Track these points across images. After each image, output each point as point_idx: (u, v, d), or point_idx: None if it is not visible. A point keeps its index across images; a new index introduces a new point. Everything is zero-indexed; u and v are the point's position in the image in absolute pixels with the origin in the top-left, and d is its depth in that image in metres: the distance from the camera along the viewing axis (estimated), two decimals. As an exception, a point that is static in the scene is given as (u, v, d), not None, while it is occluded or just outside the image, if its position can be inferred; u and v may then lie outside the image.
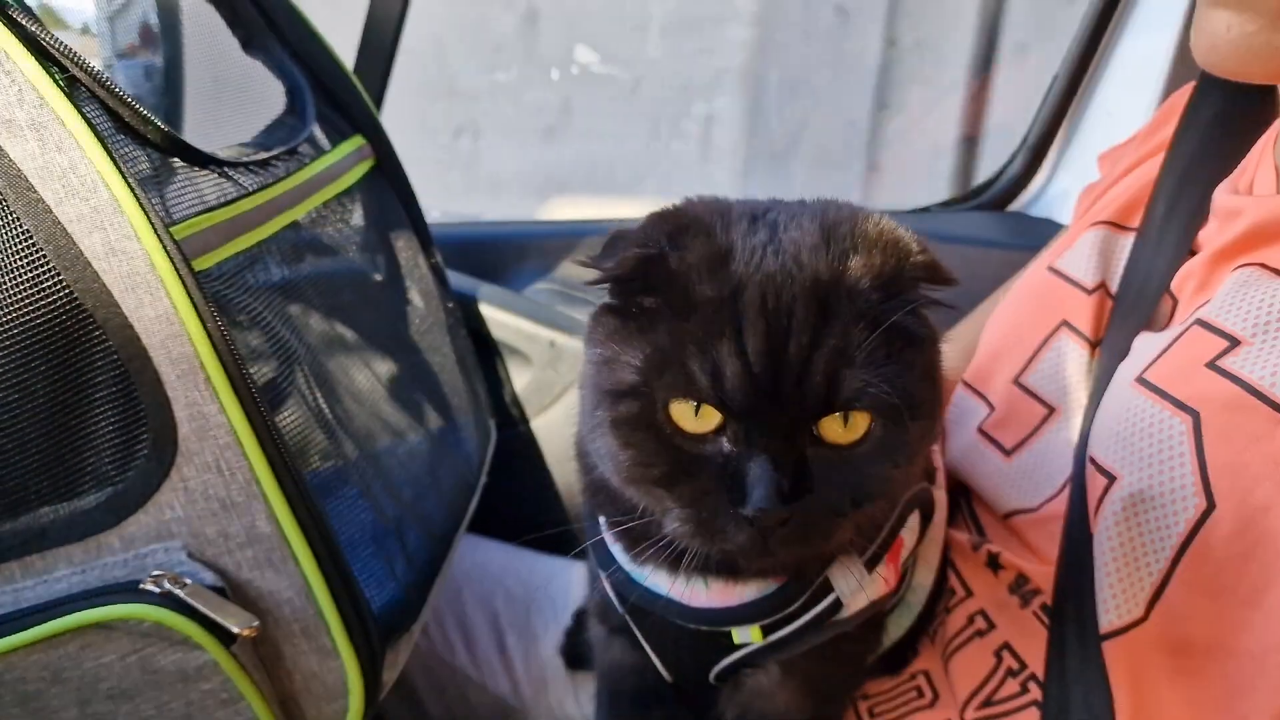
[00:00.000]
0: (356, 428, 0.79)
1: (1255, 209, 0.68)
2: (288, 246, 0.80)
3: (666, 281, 0.55)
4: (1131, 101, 1.27)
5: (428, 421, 0.92)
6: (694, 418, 0.53)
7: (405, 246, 1.03)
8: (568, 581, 1.12)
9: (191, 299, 0.61)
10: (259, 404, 0.63)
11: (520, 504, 1.18)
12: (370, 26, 1.25)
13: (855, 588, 0.65)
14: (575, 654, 1.03)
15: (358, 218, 0.96)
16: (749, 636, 0.66)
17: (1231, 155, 0.76)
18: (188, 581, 0.63)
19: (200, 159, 0.71)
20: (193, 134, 0.71)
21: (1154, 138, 0.87)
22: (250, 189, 0.75)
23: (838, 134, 2.84)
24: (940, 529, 0.76)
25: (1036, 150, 1.39)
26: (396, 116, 1.24)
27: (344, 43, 1.12)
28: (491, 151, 3.16)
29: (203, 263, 0.66)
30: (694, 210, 0.58)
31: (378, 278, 0.96)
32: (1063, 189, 1.41)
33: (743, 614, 0.65)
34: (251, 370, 0.64)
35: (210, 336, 0.61)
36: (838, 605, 0.65)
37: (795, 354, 0.52)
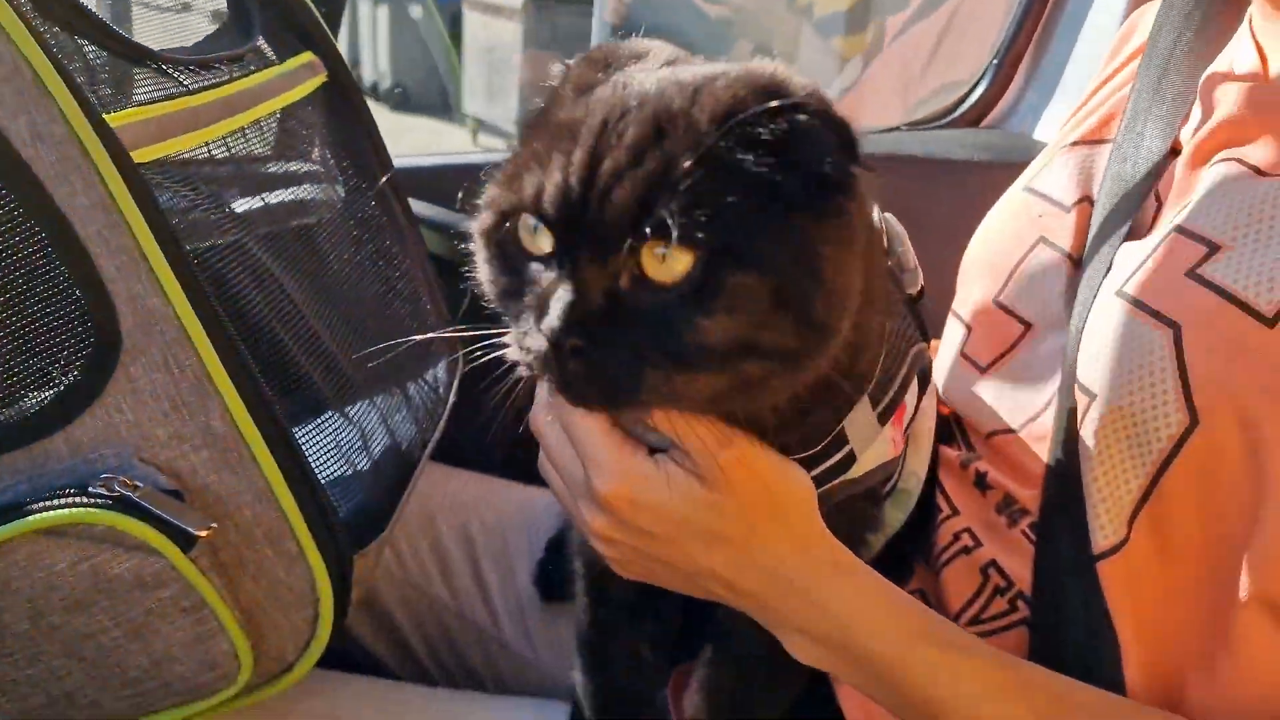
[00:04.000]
0: (317, 338, 0.77)
1: (1236, 97, 0.66)
2: (237, 154, 0.77)
3: (546, 107, 0.56)
4: (1100, 14, 1.25)
5: (392, 337, 0.90)
6: (532, 237, 0.53)
7: (363, 165, 1.00)
8: (542, 509, 1.11)
9: (130, 186, 0.58)
10: (207, 295, 0.61)
11: (489, 433, 1.16)
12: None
13: (868, 437, 0.63)
14: (548, 584, 1.02)
15: (310, 133, 0.93)
16: None
17: (1209, 48, 0.74)
18: (139, 485, 0.61)
19: (137, 53, 0.68)
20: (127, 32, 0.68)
21: (1118, 55, 0.86)
22: (192, 89, 0.72)
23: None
24: (932, 409, 0.75)
25: (1007, 65, 1.37)
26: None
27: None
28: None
29: (142, 155, 0.63)
30: (615, 48, 0.58)
31: (336, 193, 0.93)
32: (1034, 103, 1.39)
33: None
34: (205, 272, 0.61)
35: (151, 226, 0.59)
36: (850, 460, 0.63)
37: (610, 171, 0.50)
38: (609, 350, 0.51)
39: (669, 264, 0.49)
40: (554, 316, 0.50)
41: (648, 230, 0.49)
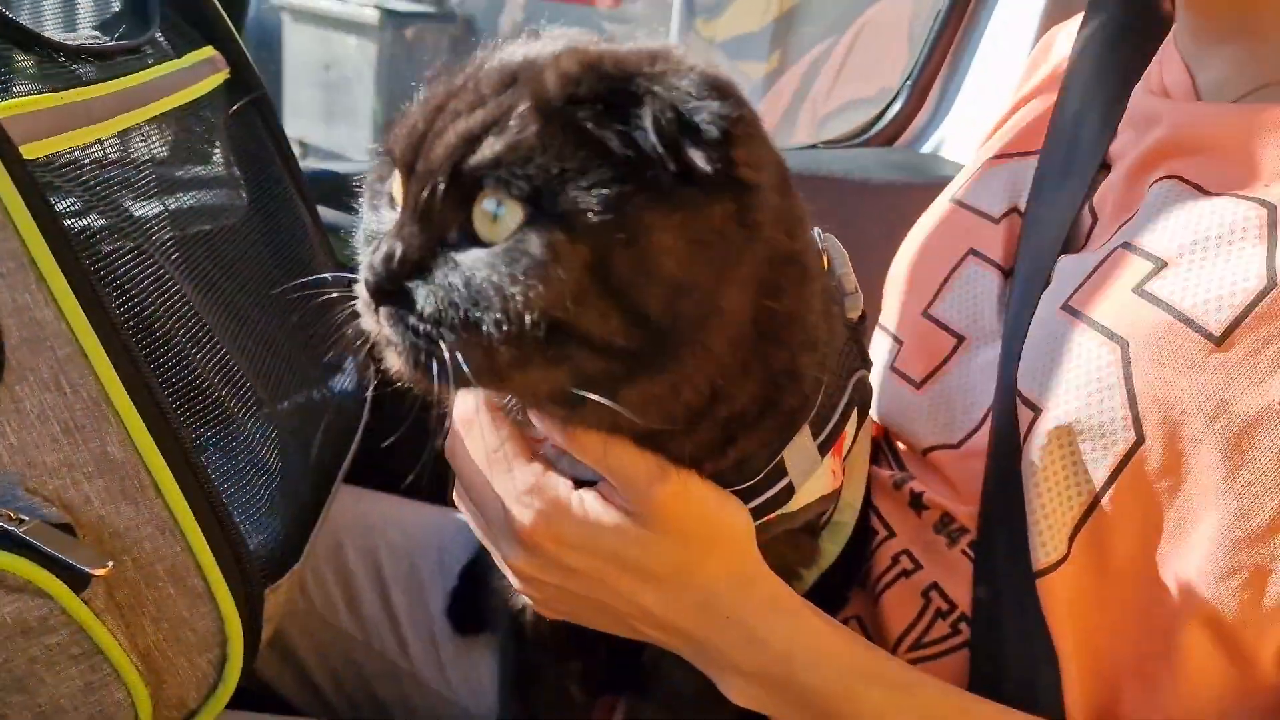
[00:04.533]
0: (225, 353, 0.71)
1: (1172, 115, 0.67)
2: (134, 154, 0.71)
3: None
4: (1012, 38, 1.28)
5: (302, 356, 0.84)
6: (398, 187, 0.51)
7: (270, 169, 0.94)
8: (453, 531, 1.06)
9: (16, 183, 0.52)
10: (105, 307, 0.55)
11: (400, 452, 1.11)
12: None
13: (808, 469, 0.60)
14: (463, 616, 0.97)
15: (211, 133, 0.86)
16: None
17: (1135, 63, 0.75)
18: (24, 518, 0.54)
19: (23, 37, 0.61)
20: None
21: (1038, 70, 0.88)
22: (85, 79, 0.65)
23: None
24: (867, 437, 0.73)
25: (920, 85, 1.39)
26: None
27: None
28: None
29: (31, 151, 0.56)
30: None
31: (240, 198, 0.87)
32: (948, 124, 1.42)
33: None
34: (102, 282, 0.55)
35: (41, 228, 0.53)
36: (789, 493, 0.60)
37: (450, 111, 0.49)
38: (410, 302, 0.47)
39: (499, 224, 0.46)
40: (365, 266, 0.49)
41: (475, 181, 0.46)
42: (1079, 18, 0.82)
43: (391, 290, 0.48)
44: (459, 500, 0.67)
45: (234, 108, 0.92)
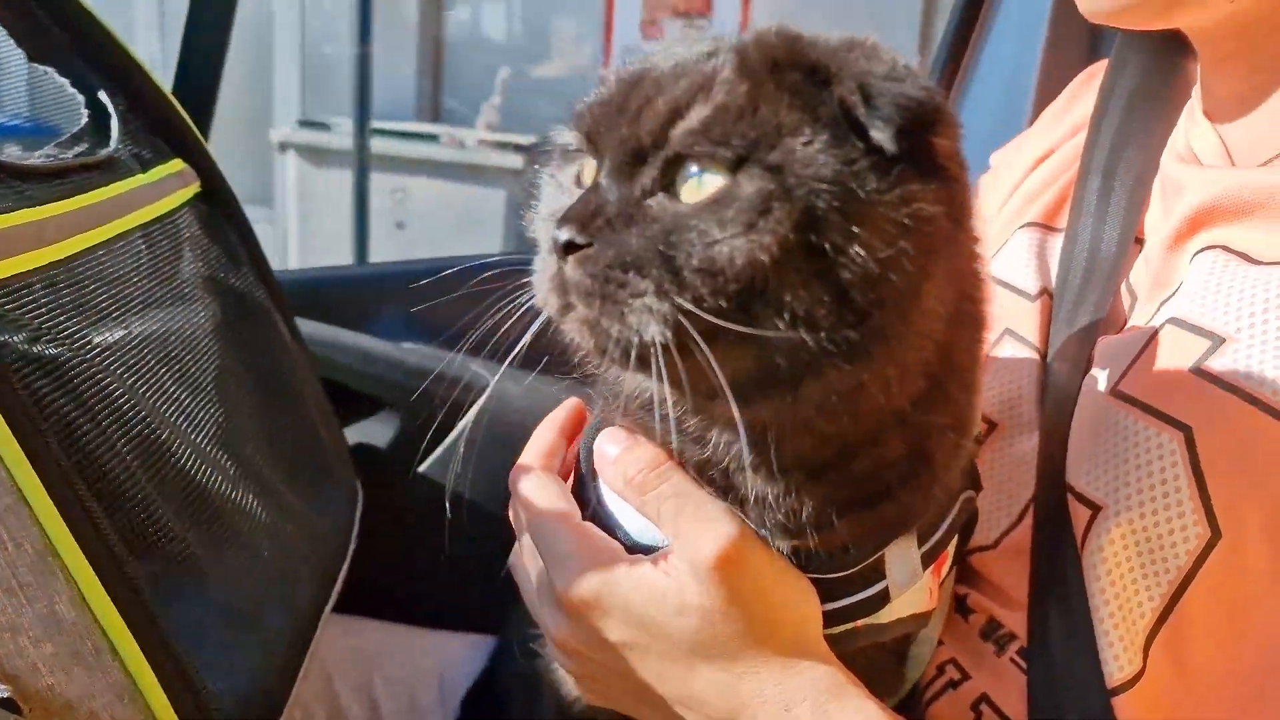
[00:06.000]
0: (193, 483, 0.65)
1: (1205, 183, 0.63)
2: (93, 274, 0.66)
3: None
4: (1005, 103, 1.26)
5: (282, 483, 0.78)
6: (589, 168, 0.50)
7: (243, 284, 0.89)
8: (455, 657, 0.99)
9: (-49, 317, 0.47)
10: (52, 449, 0.49)
11: (393, 575, 1.04)
12: (190, 44, 1.11)
13: (908, 578, 0.55)
14: None
15: (180, 248, 0.82)
16: None
17: (1159, 131, 0.72)
18: (-40, 695, 0.48)
19: (-35, 158, 0.57)
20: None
21: (1061, 122, 0.84)
22: (37, 199, 0.61)
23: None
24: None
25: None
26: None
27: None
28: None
29: (-29, 279, 0.51)
30: None
31: (213, 319, 0.82)
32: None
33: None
34: (48, 422, 0.49)
35: (-20, 365, 0.47)
36: (883, 599, 0.55)
37: (651, 80, 0.48)
38: (606, 247, 0.45)
39: (702, 187, 0.45)
40: (561, 218, 0.46)
41: (686, 148, 0.45)
42: (1105, 64, 0.79)
43: (584, 244, 0.46)
44: (515, 570, 0.64)
45: (206, 220, 0.88)
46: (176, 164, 0.87)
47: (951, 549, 0.61)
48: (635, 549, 0.55)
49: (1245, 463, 0.53)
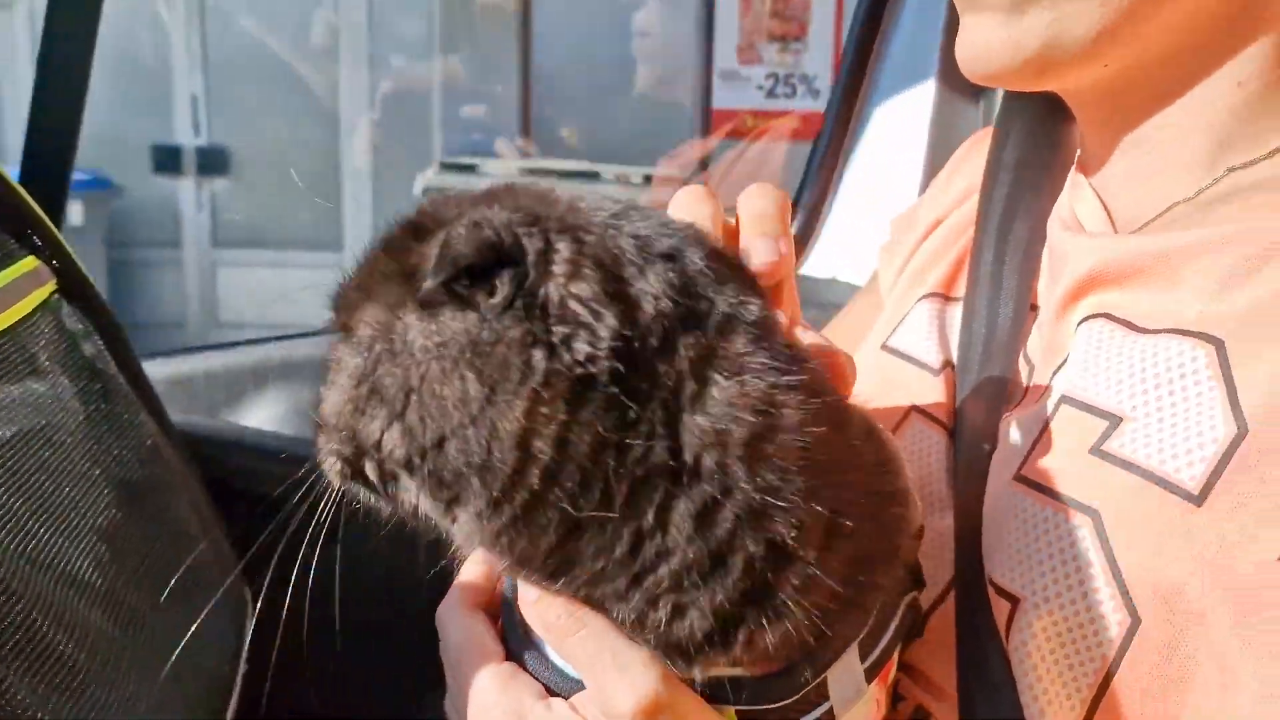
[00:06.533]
0: (40, 642, 0.58)
1: (1085, 252, 0.63)
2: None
3: None
4: (900, 155, 1.28)
5: (150, 608, 0.71)
6: None
7: (108, 389, 0.82)
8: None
9: None
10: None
11: (300, 680, 0.97)
12: (37, 126, 1.03)
13: (853, 694, 0.52)
14: None
15: (38, 361, 0.75)
16: None
17: (1045, 199, 0.72)
18: None
19: None
20: None
21: (949, 190, 0.84)
22: None
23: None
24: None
25: (811, 212, 1.36)
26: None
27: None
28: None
29: None
30: None
31: (71, 435, 0.75)
32: (831, 247, 1.39)
33: (720, 695, 0.51)
34: None
35: None
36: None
37: None
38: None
39: None
40: None
41: None
42: (989, 131, 0.79)
43: None
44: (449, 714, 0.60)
45: (64, 323, 0.81)
46: (29, 262, 0.80)
47: (895, 655, 0.59)
48: (566, 679, 0.52)
49: (1156, 545, 0.52)
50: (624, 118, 4.37)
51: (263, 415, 1.14)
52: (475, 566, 0.62)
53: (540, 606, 0.51)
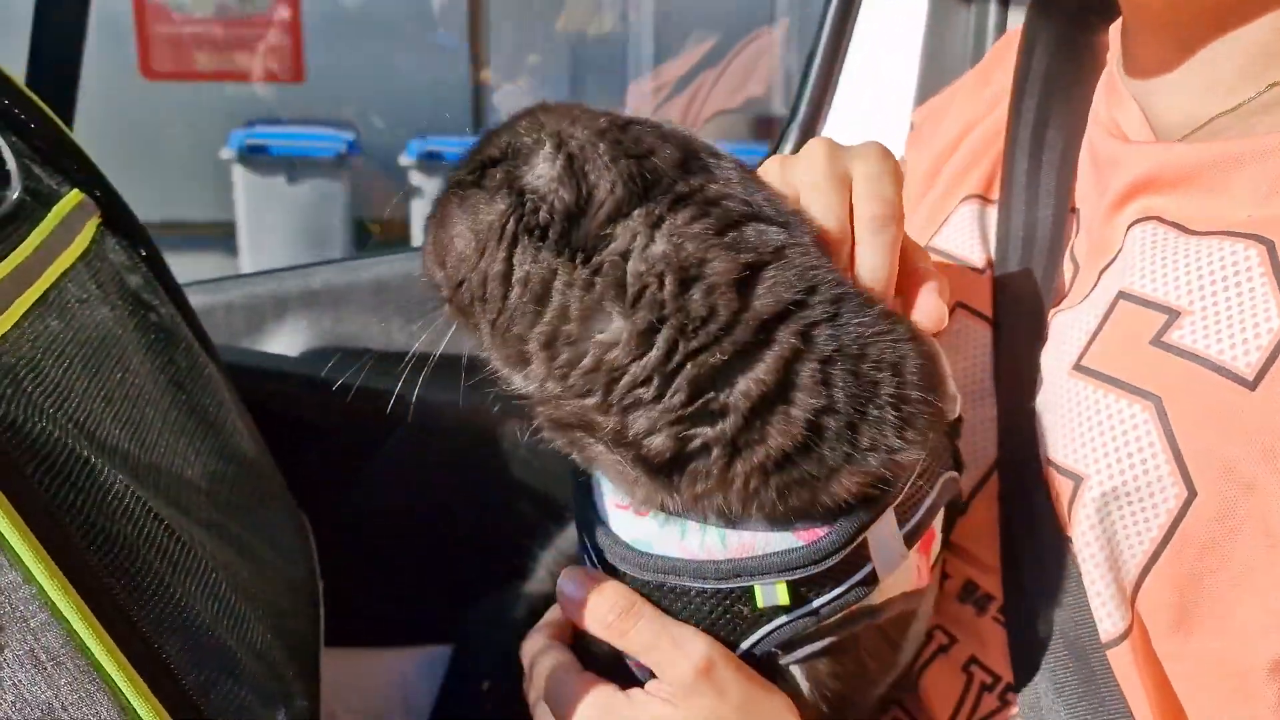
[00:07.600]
0: (191, 549, 0.61)
1: (1134, 158, 0.66)
2: (38, 339, 0.60)
3: None
4: (892, 70, 1.30)
5: (254, 523, 0.74)
6: None
7: (165, 316, 0.83)
8: (416, 673, 0.97)
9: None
10: (80, 551, 0.45)
11: (338, 600, 1.00)
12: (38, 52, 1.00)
13: (893, 560, 0.58)
14: None
15: (107, 290, 0.75)
16: (775, 598, 0.58)
17: (1078, 107, 0.75)
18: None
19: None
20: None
21: (982, 94, 0.85)
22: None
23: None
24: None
25: (805, 128, 1.38)
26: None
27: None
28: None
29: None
30: None
31: (144, 360, 0.76)
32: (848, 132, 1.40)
33: (770, 563, 0.58)
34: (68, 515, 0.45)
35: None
36: (871, 581, 0.58)
37: None
38: None
39: None
40: None
41: None
42: (1019, 32, 0.81)
43: None
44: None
45: (115, 253, 0.81)
46: (75, 195, 0.79)
47: (939, 527, 0.64)
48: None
49: (1214, 427, 0.57)
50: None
51: (283, 344, 1.15)
52: (554, 613, 0.70)
53: (593, 607, 0.60)
